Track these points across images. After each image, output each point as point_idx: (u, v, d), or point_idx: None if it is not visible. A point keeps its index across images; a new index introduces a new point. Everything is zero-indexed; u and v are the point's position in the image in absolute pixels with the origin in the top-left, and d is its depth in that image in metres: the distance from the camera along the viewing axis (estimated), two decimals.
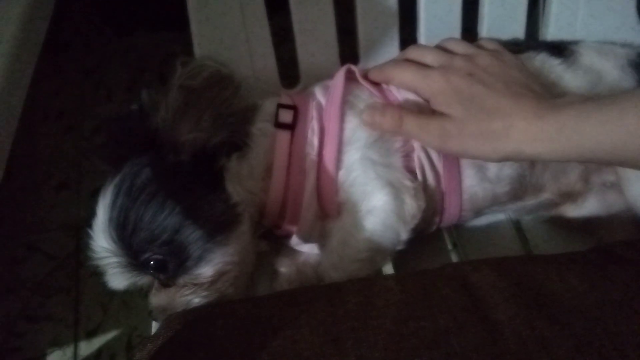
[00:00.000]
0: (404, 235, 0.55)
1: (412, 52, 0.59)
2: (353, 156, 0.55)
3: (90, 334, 1.05)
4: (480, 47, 0.58)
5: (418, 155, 0.57)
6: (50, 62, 1.35)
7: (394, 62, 0.59)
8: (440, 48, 0.58)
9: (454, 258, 0.65)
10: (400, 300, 0.44)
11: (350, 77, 0.59)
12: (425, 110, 0.55)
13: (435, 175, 0.58)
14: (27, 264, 1.12)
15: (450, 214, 0.60)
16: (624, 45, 0.64)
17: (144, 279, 0.53)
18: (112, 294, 1.08)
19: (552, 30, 0.68)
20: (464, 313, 0.43)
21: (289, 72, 0.68)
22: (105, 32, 1.37)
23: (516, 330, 0.41)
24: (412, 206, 0.55)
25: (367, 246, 0.55)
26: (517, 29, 0.67)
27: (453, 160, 0.58)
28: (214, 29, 0.61)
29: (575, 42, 0.64)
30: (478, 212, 0.63)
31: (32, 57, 0.47)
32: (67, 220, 1.16)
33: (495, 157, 0.51)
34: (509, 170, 0.59)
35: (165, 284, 0.53)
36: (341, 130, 0.55)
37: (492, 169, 0.59)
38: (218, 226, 0.52)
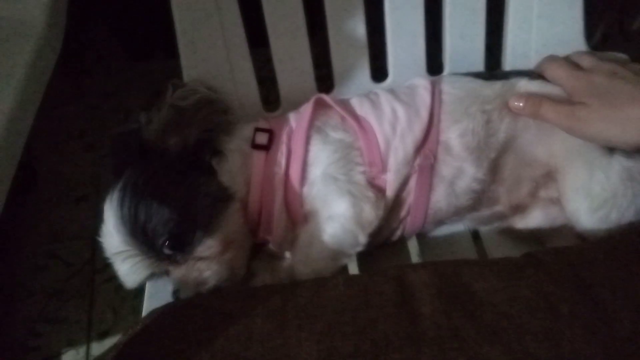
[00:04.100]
0: (362, 239, 0.62)
1: (573, 56, 0.67)
2: (315, 173, 0.62)
3: (102, 336, 1.13)
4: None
5: (389, 177, 0.63)
6: (74, 86, 1.47)
7: (554, 58, 0.67)
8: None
9: None
10: (343, 295, 0.51)
11: (322, 105, 0.67)
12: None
13: (406, 193, 0.65)
14: (47, 270, 1.22)
15: (413, 226, 0.67)
16: None
17: (160, 266, 0.59)
18: (123, 299, 1.18)
19: (509, 59, 0.75)
20: (394, 306, 0.49)
21: (272, 96, 0.76)
22: (124, 59, 1.49)
23: (435, 321, 0.47)
24: (370, 214, 0.62)
25: (328, 247, 0.61)
26: (476, 59, 0.74)
27: (425, 180, 0.64)
28: (201, 60, 0.70)
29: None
30: (439, 223, 0.70)
31: (41, 87, 0.56)
32: (85, 230, 1.26)
33: (623, 138, 0.58)
34: (476, 185, 0.65)
35: (180, 264, 0.59)
36: (306, 152, 0.63)
37: (462, 184, 0.65)
38: (216, 203, 0.60)
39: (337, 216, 0.62)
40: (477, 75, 0.71)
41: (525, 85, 0.67)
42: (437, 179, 0.65)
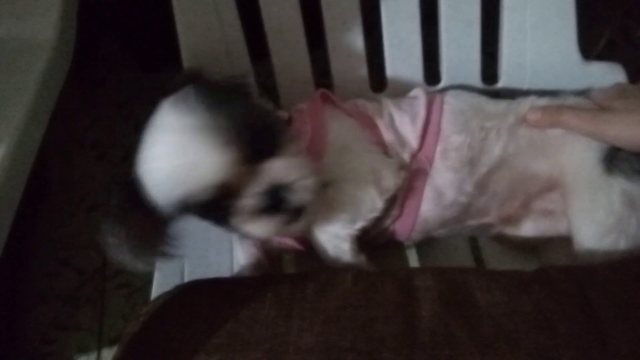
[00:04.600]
0: (379, 203, 0.62)
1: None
2: (335, 146, 0.63)
3: (113, 342, 1.15)
4: None
5: None
6: (87, 97, 1.51)
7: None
8: None
9: None
10: (348, 291, 0.53)
11: (327, 100, 0.69)
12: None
13: (400, 192, 0.65)
14: (59, 277, 1.24)
15: (402, 229, 0.67)
16: None
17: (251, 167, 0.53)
18: (133, 306, 1.20)
19: (505, 69, 0.76)
20: (395, 307, 0.51)
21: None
22: (135, 70, 1.52)
23: (431, 326, 0.49)
24: (389, 180, 0.63)
25: (346, 209, 0.62)
26: (473, 69, 0.76)
27: (419, 184, 0.65)
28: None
29: None
30: (426, 234, 0.70)
31: (52, 99, 0.59)
32: (96, 238, 1.28)
33: None
34: (463, 198, 0.66)
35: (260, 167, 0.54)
36: (326, 130, 0.64)
37: (450, 196, 0.65)
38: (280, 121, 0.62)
39: (355, 180, 0.63)
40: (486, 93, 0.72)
41: (533, 101, 0.68)
42: (428, 188, 0.66)
